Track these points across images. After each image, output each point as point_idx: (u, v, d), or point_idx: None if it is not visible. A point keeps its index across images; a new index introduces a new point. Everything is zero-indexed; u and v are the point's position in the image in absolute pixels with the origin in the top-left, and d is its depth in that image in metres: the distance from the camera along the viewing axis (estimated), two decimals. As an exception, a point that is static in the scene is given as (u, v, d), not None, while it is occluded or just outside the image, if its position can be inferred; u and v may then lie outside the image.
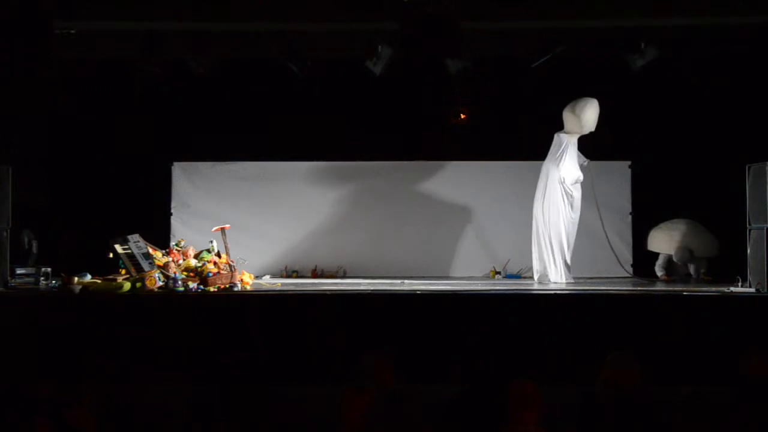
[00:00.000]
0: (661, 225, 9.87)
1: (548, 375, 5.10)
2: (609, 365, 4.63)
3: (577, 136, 9.31)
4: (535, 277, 9.34)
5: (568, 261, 9.20)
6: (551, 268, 9.18)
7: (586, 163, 9.41)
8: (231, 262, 8.18)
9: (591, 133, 9.33)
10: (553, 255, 9.17)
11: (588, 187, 9.51)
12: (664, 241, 9.80)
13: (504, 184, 10.45)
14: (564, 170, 9.17)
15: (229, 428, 4.31)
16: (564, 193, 9.16)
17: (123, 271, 7.95)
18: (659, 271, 9.82)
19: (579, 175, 9.26)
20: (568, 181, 9.17)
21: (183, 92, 10.14)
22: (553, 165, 9.23)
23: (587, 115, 9.13)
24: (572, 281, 9.13)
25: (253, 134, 10.41)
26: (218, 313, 7.30)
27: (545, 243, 9.21)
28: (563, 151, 9.22)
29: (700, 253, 9.62)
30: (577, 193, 9.26)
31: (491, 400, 4.45)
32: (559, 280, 9.12)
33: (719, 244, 9.55)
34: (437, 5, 8.15)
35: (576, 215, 9.30)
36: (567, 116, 9.24)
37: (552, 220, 9.16)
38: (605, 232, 9.80)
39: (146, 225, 8.85)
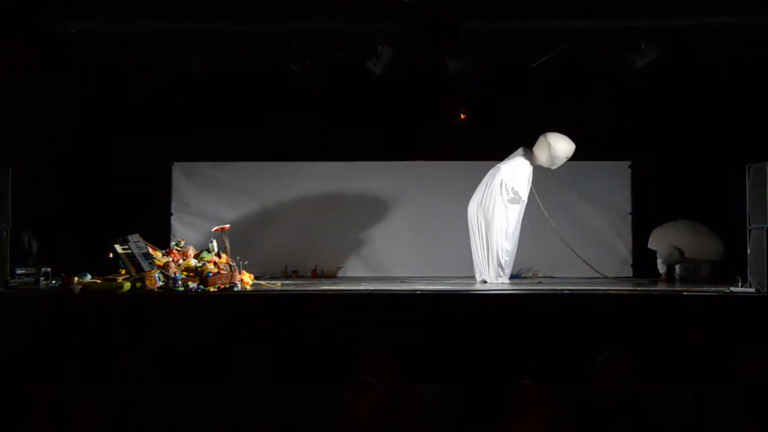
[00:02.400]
0: (665, 224, 9.85)
1: (548, 375, 5.09)
2: (600, 364, 4.62)
3: (536, 164, 9.32)
4: (477, 278, 9.38)
5: (503, 263, 9.21)
6: (487, 269, 9.22)
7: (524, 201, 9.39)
8: (231, 262, 8.18)
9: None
10: (489, 256, 9.20)
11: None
12: (658, 240, 9.81)
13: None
14: (514, 182, 9.16)
15: (230, 428, 4.31)
16: (504, 201, 9.17)
17: (123, 271, 7.94)
18: (661, 269, 9.83)
19: (521, 199, 9.22)
20: (506, 195, 9.14)
21: (183, 92, 10.14)
22: (498, 171, 9.24)
23: (560, 149, 9.12)
24: (506, 282, 9.16)
25: (253, 134, 10.41)
26: (218, 313, 7.30)
27: (481, 244, 9.25)
28: (521, 167, 9.24)
29: (692, 255, 9.55)
30: (515, 207, 9.25)
31: (492, 400, 4.45)
32: (494, 281, 9.15)
33: (723, 248, 9.44)
34: (437, 5, 8.16)
35: (515, 226, 9.28)
36: (541, 142, 9.25)
37: (492, 222, 9.17)
38: (559, 235, 9.79)
39: (146, 225, 8.84)
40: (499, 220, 9.18)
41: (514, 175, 9.23)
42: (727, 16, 8.64)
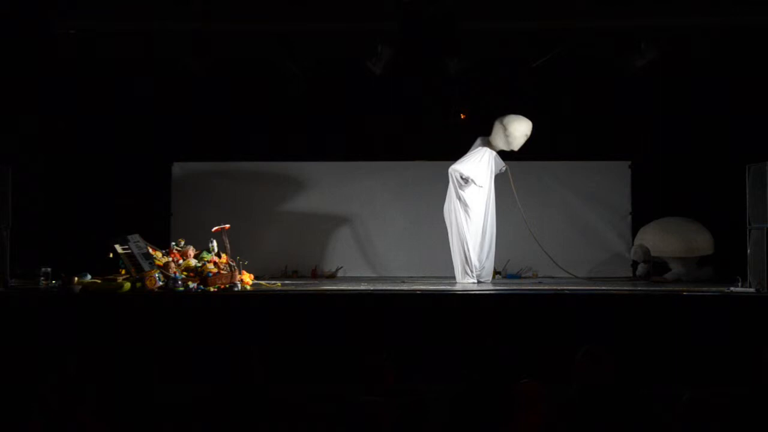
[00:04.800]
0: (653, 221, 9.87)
1: (548, 375, 5.09)
2: (579, 361, 4.59)
3: (497, 149, 9.24)
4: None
5: (474, 262, 9.12)
6: (456, 269, 9.18)
7: (504, 169, 9.33)
8: (231, 262, 8.18)
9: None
10: (459, 253, 9.14)
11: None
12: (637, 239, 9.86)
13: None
14: (462, 168, 9.03)
15: (229, 428, 4.31)
16: (457, 191, 9.07)
17: (123, 271, 7.94)
18: (639, 270, 9.85)
19: (474, 183, 9.05)
20: (455, 183, 9.02)
21: (183, 92, 10.14)
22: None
23: (514, 128, 8.99)
24: (473, 282, 9.05)
25: (252, 134, 10.42)
26: (218, 313, 7.30)
27: (451, 244, 9.21)
28: (473, 153, 9.15)
29: (658, 254, 9.54)
30: (472, 199, 9.10)
31: (492, 400, 4.46)
32: (461, 281, 9.11)
33: (700, 248, 9.43)
34: (437, 5, 8.17)
35: (476, 220, 9.14)
36: (495, 126, 9.13)
37: (458, 216, 9.11)
38: (532, 233, 9.69)
39: (146, 225, 8.84)
40: (459, 211, 9.10)
41: (462, 161, 9.10)
42: (727, 16, 8.64)
